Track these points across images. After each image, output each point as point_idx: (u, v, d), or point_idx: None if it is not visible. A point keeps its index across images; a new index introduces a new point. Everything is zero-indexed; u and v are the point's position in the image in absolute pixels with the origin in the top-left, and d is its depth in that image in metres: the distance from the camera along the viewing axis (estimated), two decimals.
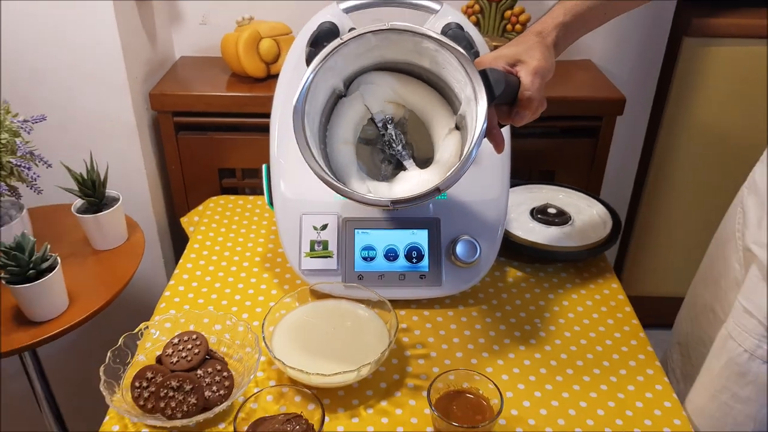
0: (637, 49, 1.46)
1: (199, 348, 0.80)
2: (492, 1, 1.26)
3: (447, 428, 0.71)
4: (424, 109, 0.83)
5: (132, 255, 1.02)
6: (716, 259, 0.94)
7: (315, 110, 0.78)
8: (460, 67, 0.72)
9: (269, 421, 0.72)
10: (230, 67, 1.32)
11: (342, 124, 0.82)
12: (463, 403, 0.75)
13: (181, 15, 1.40)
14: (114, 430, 0.76)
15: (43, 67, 1.17)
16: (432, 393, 0.73)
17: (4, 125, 0.84)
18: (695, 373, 0.94)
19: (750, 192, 0.86)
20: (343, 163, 0.81)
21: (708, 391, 0.82)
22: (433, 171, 0.80)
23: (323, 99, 0.80)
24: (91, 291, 0.94)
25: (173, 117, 1.27)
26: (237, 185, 1.37)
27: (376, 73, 0.82)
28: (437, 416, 0.71)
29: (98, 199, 1.00)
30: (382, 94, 0.82)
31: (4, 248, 0.82)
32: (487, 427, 0.71)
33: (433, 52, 0.75)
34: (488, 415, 0.73)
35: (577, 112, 1.26)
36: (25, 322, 0.88)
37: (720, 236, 0.94)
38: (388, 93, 0.82)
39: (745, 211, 0.86)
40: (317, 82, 0.75)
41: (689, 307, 1.01)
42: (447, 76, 0.77)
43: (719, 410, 0.80)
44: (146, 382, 0.77)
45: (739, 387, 0.78)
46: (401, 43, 0.75)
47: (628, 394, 0.81)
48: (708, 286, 0.95)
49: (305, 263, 0.93)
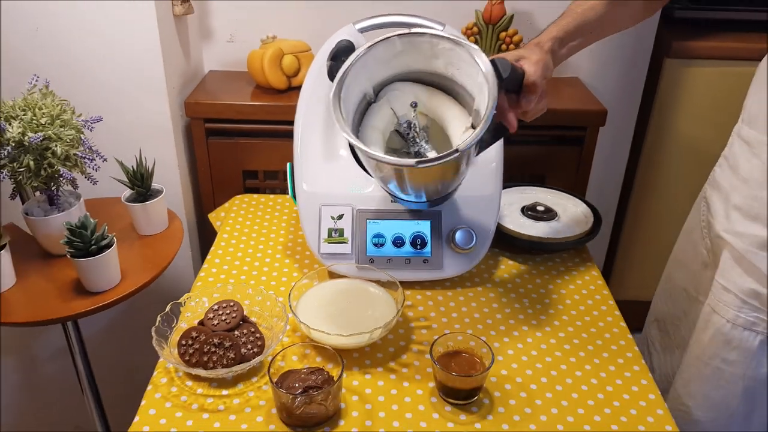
0: (621, 68, 1.61)
1: (236, 313, 0.94)
2: (489, 24, 1.42)
3: (446, 377, 0.84)
4: (443, 114, 0.94)
5: (173, 239, 1.16)
6: (686, 245, 1.08)
7: (348, 108, 0.88)
8: (472, 59, 0.83)
9: (295, 373, 0.86)
10: (255, 79, 1.48)
11: (371, 127, 0.93)
12: (460, 361, 0.88)
13: (211, 33, 1.56)
14: (162, 381, 0.89)
15: (99, 77, 1.33)
16: (434, 352, 0.87)
17: (70, 123, 0.99)
18: (673, 345, 1.09)
19: (713, 189, 1.00)
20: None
21: (701, 359, 0.97)
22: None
23: (356, 100, 0.91)
24: (139, 268, 1.08)
25: (204, 123, 1.42)
26: (259, 186, 1.51)
27: (401, 83, 0.95)
28: (438, 368, 0.84)
29: (145, 190, 1.15)
30: (406, 100, 0.94)
31: (70, 227, 0.96)
32: (479, 377, 0.84)
33: (448, 51, 0.86)
34: (480, 369, 0.86)
35: (564, 122, 1.41)
36: (83, 292, 1.02)
37: (688, 226, 1.09)
38: (412, 99, 0.94)
39: (710, 204, 1.00)
40: (353, 78, 0.86)
41: (664, 288, 1.15)
42: (461, 75, 0.87)
43: (713, 374, 0.95)
44: (191, 341, 0.90)
45: (726, 352, 0.93)
46: (421, 45, 0.87)
47: (602, 360, 0.94)
48: (680, 269, 1.10)
49: (323, 248, 1.07)
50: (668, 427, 0.83)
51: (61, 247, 1.06)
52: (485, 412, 0.85)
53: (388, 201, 1.08)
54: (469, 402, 0.85)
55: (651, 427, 0.83)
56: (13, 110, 0.97)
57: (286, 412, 0.81)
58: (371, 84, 0.93)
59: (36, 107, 0.97)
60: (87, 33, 1.27)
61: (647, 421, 0.84)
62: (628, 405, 0.86)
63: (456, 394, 0.85)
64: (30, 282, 1.05)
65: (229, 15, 1.53)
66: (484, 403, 0.86)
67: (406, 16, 1.11)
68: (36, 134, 0.95)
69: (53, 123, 0.98)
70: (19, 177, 0.97)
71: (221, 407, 0.85)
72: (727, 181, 0.96)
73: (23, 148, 0.96)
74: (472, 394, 0.85)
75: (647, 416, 0.84)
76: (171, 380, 0.89)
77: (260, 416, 0.83)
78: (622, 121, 1.67)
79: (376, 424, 0.82)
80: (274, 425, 0.82)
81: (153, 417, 0.83)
